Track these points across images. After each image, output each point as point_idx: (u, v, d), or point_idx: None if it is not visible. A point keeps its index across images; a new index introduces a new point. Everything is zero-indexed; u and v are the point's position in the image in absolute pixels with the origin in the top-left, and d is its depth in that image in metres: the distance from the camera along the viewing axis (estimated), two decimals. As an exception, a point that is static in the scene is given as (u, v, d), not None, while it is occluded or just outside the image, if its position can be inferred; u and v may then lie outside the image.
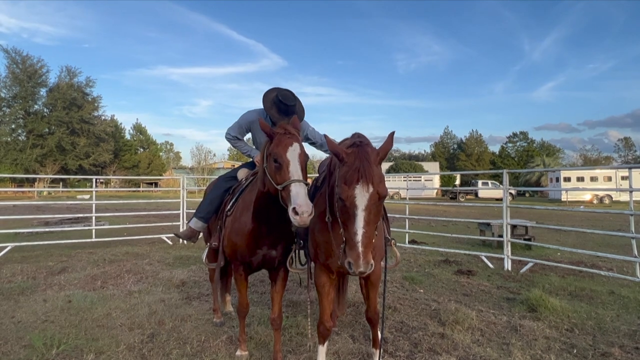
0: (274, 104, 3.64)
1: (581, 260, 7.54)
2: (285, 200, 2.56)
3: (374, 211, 2.27)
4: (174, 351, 3.51)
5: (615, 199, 30.62)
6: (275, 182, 2.62)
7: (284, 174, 2.58)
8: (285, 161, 2.60)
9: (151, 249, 8.74)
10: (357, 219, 2.23)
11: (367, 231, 2.23)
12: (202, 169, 58.86)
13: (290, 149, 2.65)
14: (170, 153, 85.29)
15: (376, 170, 2.32)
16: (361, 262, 2.18)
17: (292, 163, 2.60)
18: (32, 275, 6.25)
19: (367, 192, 2.25)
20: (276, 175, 2.63)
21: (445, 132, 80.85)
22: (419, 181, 43.72)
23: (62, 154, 55.04)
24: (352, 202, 2.25)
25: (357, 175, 2.27)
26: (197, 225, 3.97)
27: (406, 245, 8.95)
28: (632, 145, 71.24)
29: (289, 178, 2.55)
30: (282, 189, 2.56)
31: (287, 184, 2.53)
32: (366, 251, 2.20)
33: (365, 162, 2.31)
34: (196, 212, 3.99)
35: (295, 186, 2.51)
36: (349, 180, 2.28)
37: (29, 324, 4.15)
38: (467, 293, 5.45)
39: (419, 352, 3.55)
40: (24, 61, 54.06)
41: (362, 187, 2.25)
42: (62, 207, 16.65)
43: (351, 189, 2.26)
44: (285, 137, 2.71)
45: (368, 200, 2.25)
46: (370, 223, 2.25)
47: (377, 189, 2.27)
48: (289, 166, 2.59)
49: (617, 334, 3.97)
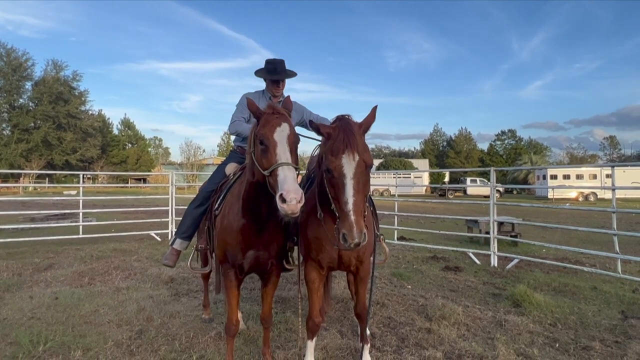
0: (263, 69, 3.58)
1: (565, 256, 7.70)
2: (272, 187, 2.30)
3: (362, 180, 2.32)
4: (162, 347, 3.51)
5: (600, 196, 31.18)
6: (262, 167, 2.36)
7: (271, 157, 2.31)
8: (272, 143, 2.34)
9: (139, 245, 8.67)
10: (346, 188, 2.27)
11: (357, 200, 2.25)
12: (191, 165, 58.49)
13: (278, 130, 2.38)
14: (159, 149, 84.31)
15: (360, 140, 2.38)
16: (355, 231, 2.17)
17: (280, 144, 2.34)
18: (17, 271, 6.17)
19: (353, 161, 2.30)
20: (262, 159, 2.37)
21: (435, 130, 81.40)
22: (409, 178, 44.00)
23: (48, 149, 54.12)
24: (340, 172, 2.29)
25: (342, 146, 2.32)
26: (182, 245, 3.75)
27: (395, 241, 9.02)
28: (617, 143, 72.52)
29: (276, 161, 2.28)
30: (269, 174, 2.30)
31: (273, 168, 2.27)
32: (358, 219, 2.22)
33: (350, 132, 2.36)
34: (178, 232, 3.75)
35: (283, 170, 2.24)
36: (335, 150, 2.33)
37: (15, 321, 4.11)
38: (454, 289, 5.53)
39: (405, 346, 3.61)
40: (8, 54, 52.89)
41: (348, 156, 2.30)
42: (48, 203, 16.38)
43: (338, 158, 2.30)
44: (273, 117, 2.44)
45: (355, 169, 2.29)
46: (360, 192, 2.29)
47: (362, 157, 2.32)
48: (275, 148, 2.33)
49: (599, 329, 4.07)
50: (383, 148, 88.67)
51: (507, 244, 8.75)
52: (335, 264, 2.88)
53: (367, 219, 2.85)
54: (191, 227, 3.69)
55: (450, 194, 38.46)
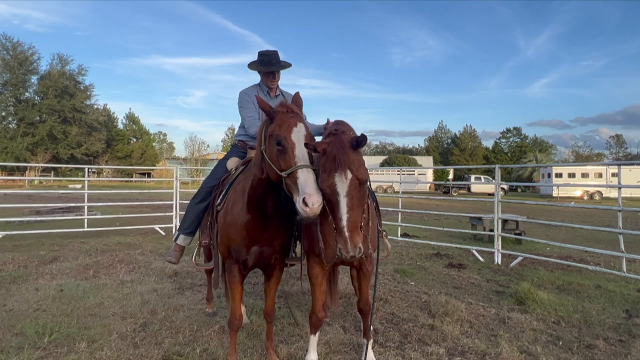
0: (257, 62, 3.59)
1: (570, 255, 7.66)
2: (290, 189, 2.33)
3: (356, 196, 2.31)
4: (166, 340, 3.53)
5: (605, 195, 30.99)
6: (279, 168, 2.37)
7: (289, 159, 2.31)
8: (290, 144, 2.33)
9: (144, 239, 8.72)
10: (340, 206, 2.28)
11: (351, 216, 2.27)
12: (195, 160, 58.61)
13: (295, 130, 2.38)
14: (163, 143, 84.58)
15: (353, 156, 2.34)
16: (349, 246, 2.24)
17: (298, 146, 2.34)
18: (23, 264, 6.22)
19: (346, 180, 2.29)
20: (279, 160, 2.37)
21: (440, 127, 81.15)
22: (413, 175, 43.91)
23: (53, 142, 54.38)
24: (334, 190, 2.29)
25: (334, 164, 2.30)
26: (185, 241, 3.76)
27: (398, 238, 9.01)
28: (623, 142, 71.95)
29: (295, 163, 2.29)
30: (287, 175, 2.31)
31: (293, 170, 2.28)
32: (353, 235, 2.25)
33: (341, 149, 2.33)
34: (181, 228, 3.74)
35: (303, 173, 2.27)
36: (328, 169, 2.31)
37: (21, 312, 4.15)
38: (457, 286, 5.52)
39: (408, 342, 3.61)
40: (14, 48, 53.07)
41: (341, 174, 2.29)
42: (54, 197, 16.48)
43: (330, 177, 2.30)
44: (288, 117, 2.43)
45: (348, 187, 2.29)
46: (354, 208, 2.29)
47: (355, 174, 2.30)
48: (294, 150, 2.32)
49: (602, 327, 4.06)
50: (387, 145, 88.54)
51: (511, 242, 8.71)
52: (339, 259, 2.87)
53: (370, 214, 2.86)
54: (194, 223, 3.69)
55: (454, 191, 38.36)
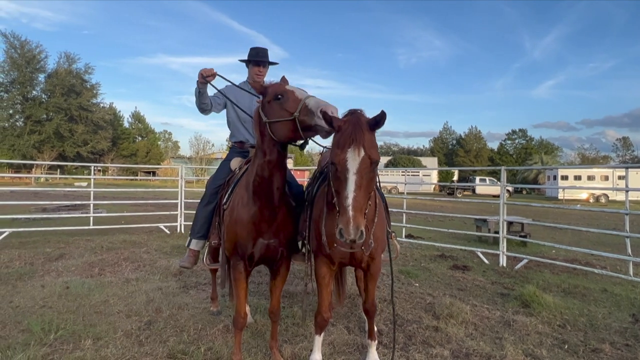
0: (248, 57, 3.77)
1: (576, 258, 7.60)
2: (306, 123, 2.42)
3: (366, 177, 2.27)
4: (170, 338, 3.54)
5: (611, 198, 30.77)
6: (289, 114, 2.47)
7: (294, 99, 2.47)
8: (289, 90, 2.52)
9: (149, 237, 8.76)
10: (348, 183, 2.23)
11: (357, 195, 2.21)
12: (200, 159, 58.74)
13: (288, 85, 2.62)
14: (168, 142, 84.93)
15: (368, 136, 2.32)
16: (351, 227, 2.13)
17: (297, 90, 2.54)
18: (29, 261, 6.27)
19: (358, 156, 2.25)
20: (285, 108, 2.49)
21: (445, 128, 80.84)
22: (417, 176, 43.76)
23: (60, 140, 54.79)
24: (344, 166, 2.26)
25: (349, 140, 2.28)
26: (198, 245, 3.78)
27: (403, 239, 8.99)
28: (630, 145, 71.37)
29: (301, 99, 2.44)
30: (299, 113, 2.42)
31: (302, 105, 2.41)
32: (356, 215, 2.17)
33: (358, 127, 2.31)
34: (192, 233, 3.79)
35: (311, 100, 2.41)
36: (341, 144, 2.29)
37: (27, 309, 4.18)
38: (462, 288, 5.50)
39: (412, 344, 3.60)
40: (22, 46, 53.51)
41: (354, 150, 2.26)
42: (60, 194, 16.63)
43: (343, 152, 2.27)
44: (278, 83, 2.69)
45: (360, 164, 2.25)
46: (362, 188, 2.24)
47: (368, 154, 2.27)
48: (294, 92, 2.51)
49: (609, 331, 4.03)
50: (392, 145, 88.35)
51: (516, 244, 8.67)
52: (347, 259, 2.86)
53: (379, 215, 2.85)
54: (204, 226, 3.70)
55: (459, 192, 38.21)
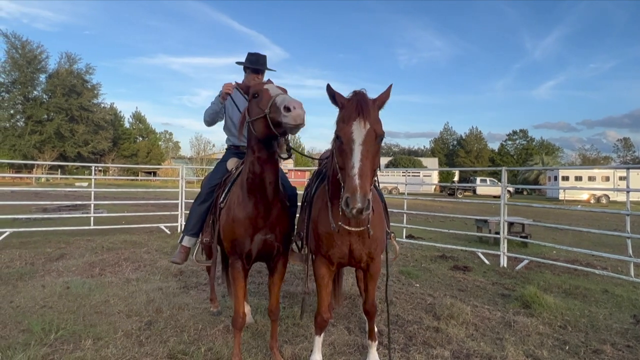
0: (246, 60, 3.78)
1: (576, 258, 7.59)
2: (275, 119, 2.48)
3: (371, 150, 2.28)
4: (171, 339, 3.54)
5: (612, 198, 30.71)
6: (262, 112, 2.56)
7: (267, 97, 2.57)
8: (264, 89, 2.64)
9: (149, 237, 8.76)
10: (354, 153, 2.24)
11: (364, 165, 2.21)
12: (201, 159, 58.73)
13: (268, 84, 2.75)
14: (169, 143, 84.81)
15: (373, 112, 2.36)
16: (358, 194, 2.10)
17: (271, 88, 2.64)
18: (30, 261, 6.27)
19: (363, 129, 2.28)
20: (259, 106, 2.61)
21: (445, 128, 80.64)
22: (418, 177, 43.73)
23: (60, 140, 54.83)
24: (349, 138, 2.28)
25: (354, 114, 2.30)
26: (190, 242, 3.83)
27: (403, 240, 8.98)
28: (631, 145, 71.26)
29: (272, 97, 2.54)
30: (269, 111, 2.50)
31: (272, 102, 2.50)
32: (364, 183, 2.15)
33: (364, 103, 2.34)
34: (185, 230, 3.83)
35: (280, 96, 2.50)
36: (347, 118, 2.32)
37: (28, 309, 4.18)
38: (463, 288, 5.49)
39: (413, 345, 3.60)
40: (23, 46, 53.56)
41: (359, 123, 2.29)
42: (60, 194, 16.63)
43: (349, 125, 2.30)
44: (258, 82, 2.86)
45: (365, 136, 2.27)
46: (368, 159, 2.25)
47: (373, 127, 2.30)
48: (269, 90, 2.61)
49: (610, 332, 4.02)
50: (392, 146, 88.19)
51: (517, 245, 8.66)
52: (345, 259, 2.86)
53: (378, 215, 2.85)
54: (198, 224, 3.74)
55: (460, 193, 38.17)
